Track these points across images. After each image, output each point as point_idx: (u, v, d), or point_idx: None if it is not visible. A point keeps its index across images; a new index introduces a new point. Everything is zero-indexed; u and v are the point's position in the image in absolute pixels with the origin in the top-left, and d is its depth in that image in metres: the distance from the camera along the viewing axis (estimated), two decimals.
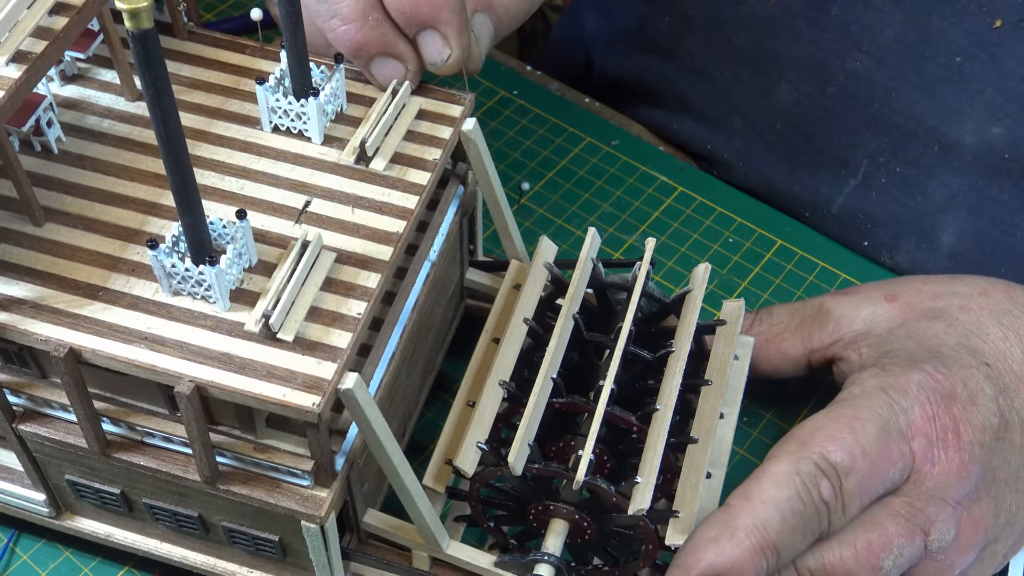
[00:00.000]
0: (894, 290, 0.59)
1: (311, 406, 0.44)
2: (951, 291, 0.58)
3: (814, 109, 0.73)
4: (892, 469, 0.51)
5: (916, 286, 0.59)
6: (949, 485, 0.52)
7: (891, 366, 0.55)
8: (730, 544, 0.49)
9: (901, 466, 0.52)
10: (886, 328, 0.58)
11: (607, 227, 0.72)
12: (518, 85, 0.80)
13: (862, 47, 0.70)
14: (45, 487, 0.55)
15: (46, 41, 0.47)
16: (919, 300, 0.58)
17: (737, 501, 0.50)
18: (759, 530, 0.49)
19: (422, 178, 0.53)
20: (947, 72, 0.68)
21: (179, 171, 0.42)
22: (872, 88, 0.71)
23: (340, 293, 0.48)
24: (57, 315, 0.47)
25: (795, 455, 0.51)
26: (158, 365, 0.45)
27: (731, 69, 0.77)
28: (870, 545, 0.51)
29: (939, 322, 0.57)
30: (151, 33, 0.37)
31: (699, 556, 0.49)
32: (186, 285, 0.47)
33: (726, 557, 0.49)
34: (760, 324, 0.61)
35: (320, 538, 0.50)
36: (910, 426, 0.52)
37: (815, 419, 0.53)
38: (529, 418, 0.51)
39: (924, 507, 0.52)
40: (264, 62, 0.57)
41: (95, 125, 0.54)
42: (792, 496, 0.50)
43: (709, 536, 0.49)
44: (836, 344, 0.59)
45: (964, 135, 0.68)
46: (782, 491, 0.50)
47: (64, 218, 0.50)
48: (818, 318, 0.60)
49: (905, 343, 0.56)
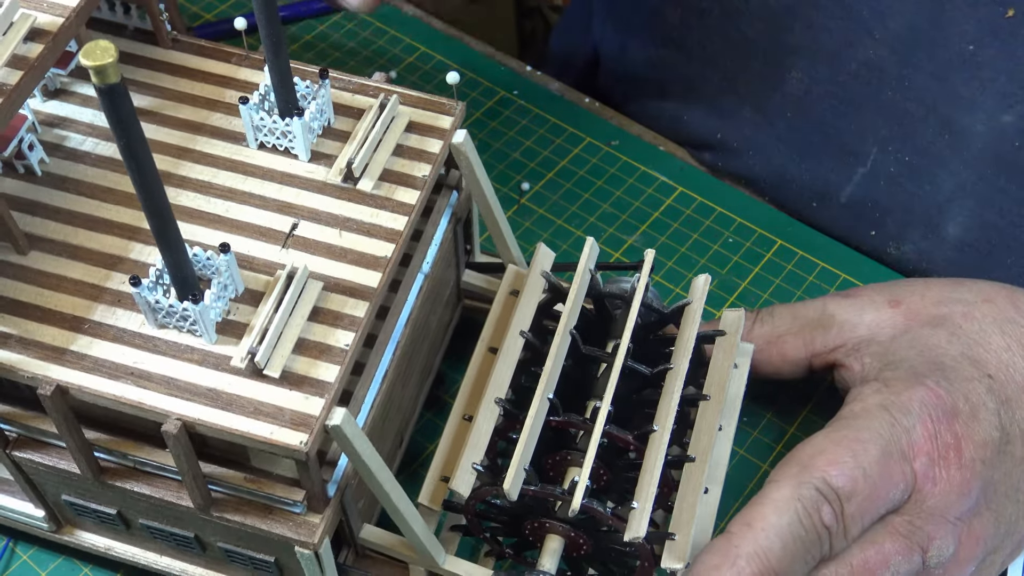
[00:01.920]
0: (897, 295, 0.58)
1: (299, 445, 0.44)
2: (955, 297, 0.57)
3: (824, 98, 0.72)
4: (893, 491, 0.51)
5: (920, 291, 0.58)
6: (950, 503, 0.52)
7: (893, 381, 0.54)
8: (731, 573, 0.48)
9: (903, 487, 0.51)
10: (889, 335, 0.57)
11: (607, 227, 0.71)
12: (518, 85, 0.79)
13: (874, 35, 0.68)
14: (44, 505, 0.55)
15: (21, 71, 0.46)
16: (923, 306, 0.57)
17: (738, 528, 0.50)
18: (760, 558, 0.49)
19: (411, 196, 0.51)
20: (959, 60, 0.66)
21: (158, 215, 0.42)
22: (883, 76, 0.69)
23: (327, 323, 0.47)
24: (43, 350, 0.46)
25: (796, 479, 0.50)
26: (145, 402, 0.45)
27: (741, 59, 0.75)
28: (866, 563, 0.51)
29: (942, 330, 0.56)
30: (118, 88, 0.36)
31: None
32: (171, 320, 0.46)
33: None
34: (762, 325, 0.61)
35: (315, 562, 0.50)
36: (912, 446, 0.52)
37: (815, 441, 0.52)
38: (525, 442, 0.50)
39: (924, 525, 0.51)
40: (249, 71, 0.56)
41: (78, 145, 0.53)
42: (793, 522, 0.49)
43: (711, 564, 0.49)
44: (838, 350, 0.58)
45: (975, 123, 0.67)
46: (783, 517, 0.49)
47: (48, 245, 0.50)
48: (821, 322, 0.59)
49: (907, 353, 0.55)
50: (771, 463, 0.63)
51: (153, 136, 0.53)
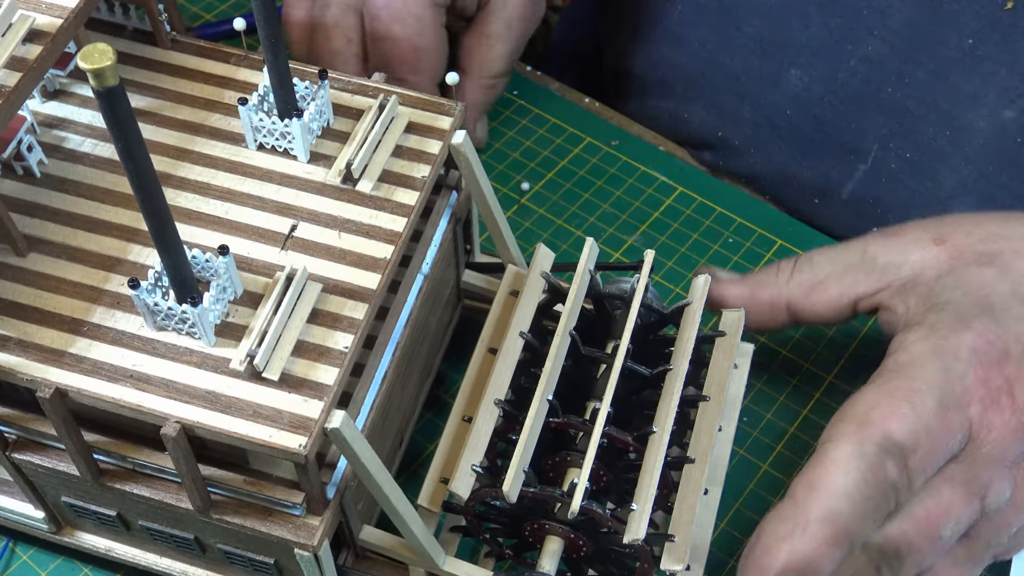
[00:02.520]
0: (943, 232, 0.56)
1: (298, 447, 0.44)
2: (1004, 233, 0.55)
3: (825, 94, 0.71)
4: (952, 441, 0.50)
5: (966, 227, 0.56)
6: (1006, 448, 0.50)
7: (940, 325, 0.52)
8: (803, 540, 0.47)
9: (960, 437, 0.50)
10: (934, 275, 0.55)
11: (607, 227, 0.71)
12: (518, 85, 0.79)
13: (873, 31, 0.68)
14: (44, 506, 0.55)
15: (20, 72, 0.46)
16: (969, 243, 0.55)
17: (803, 492, 0.48)
18: (831, 521, 0.47)
19: (410, 197, 0.51)
20: (959, 55, 0.66)
21: (156, 217, 0.41)
22: (884, 73, 0.69)
23: (327, 325, 0.47)
24: (42, 352, 0.46)
25: (856, 436, 0.49)
26: (144, 405, 0.45)
27: (741, 56, 0.75)
28: (928, 515, 0.50)
29: (991, 268, 0.54)
30: (116, 90, 0.36)
31: (773, 557, 0.47)
32: (170, 322, 0.46)
33: (802, 553, 0.47)
34: (800, 273, 0.58)
35: (314, 564, 0.50)
36: (965, 392, 0.50)
37: (868, 395, 0.51)
38: (524, 444, 0.50)
39: (981, 472, 0.50)
40: (248, 72, 0.55)
41: (77, 146, 0.53)
42: (859, 481, 0.47)
43: (780, 534, 0.47)
44: (882, 292, 0.56)
45: (977, 119, 0.67)
46: (848, 476, 0.47)
47: (47, 247, 0.49)
48: (863, 265, 0.57)
49: (953, 294, 0.53)
50: (771, 463, 0.63)
51: (152, 137, 0.53)
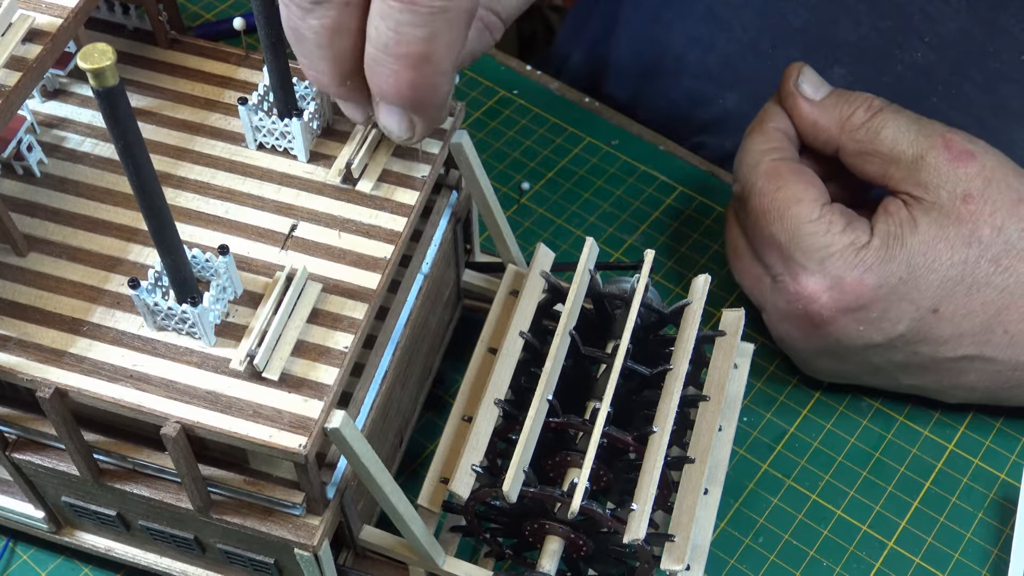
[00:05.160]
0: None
1: (298, 448, 0.44)
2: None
3: None
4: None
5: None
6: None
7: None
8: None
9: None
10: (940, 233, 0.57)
11: (607, 227, 0.71)
12: (518, 85, 0.79)
13: (924, 38, 0.66)
14: (44, 506, 0.55)
15: (20, 72, 0.46)
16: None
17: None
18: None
19: (410, 197, 0.51)
20: (1011, 71, 0.64)
21: (156, 217, 0.41)
22: (931, 81, 0.67)
23: (327, 325, 0.47)
24: (42, 352, 0.46)
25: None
26: (144, 405, 0.45)
27: (784, 47, 0.73)
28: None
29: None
30: (116, 90, 0.36)
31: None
32: (170, 322, 0.46)
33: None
34: (867, 132, 0.59)
35: (314, 564, 0.50)
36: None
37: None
38: (524, 444, 0.50)
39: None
40: (248, 72, 0.55)
41: (77, 146, 0.53)
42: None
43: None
44: (895, 194, 0.58)
45: (1023, 138, 0.65)
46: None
47: (48, 247, 0.49)
48: (909, 163, 0.59)
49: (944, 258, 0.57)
50: (771, 463, 0.63)
51: (151, 136, 0.53)
